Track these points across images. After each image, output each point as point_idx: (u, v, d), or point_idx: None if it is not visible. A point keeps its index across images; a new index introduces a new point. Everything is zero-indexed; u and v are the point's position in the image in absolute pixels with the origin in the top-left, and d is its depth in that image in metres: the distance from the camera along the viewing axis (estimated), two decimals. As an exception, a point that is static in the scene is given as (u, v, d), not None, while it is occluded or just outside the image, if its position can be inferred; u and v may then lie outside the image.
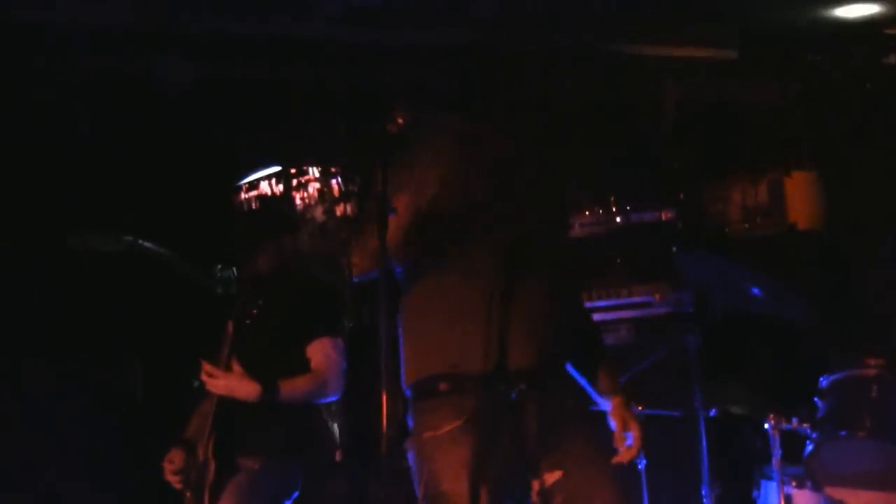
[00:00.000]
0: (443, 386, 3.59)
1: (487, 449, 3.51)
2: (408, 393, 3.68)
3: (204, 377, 4.68)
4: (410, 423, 3.67)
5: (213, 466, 4.65)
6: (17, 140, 5.93)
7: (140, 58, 6.20)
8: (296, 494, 4.83)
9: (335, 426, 5.89)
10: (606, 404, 3.81)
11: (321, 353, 4.80)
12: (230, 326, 4.82)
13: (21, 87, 5.92)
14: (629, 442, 3.75)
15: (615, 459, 3.72)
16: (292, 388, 4.72)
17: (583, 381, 3.85)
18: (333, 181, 4.51)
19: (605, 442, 3.71)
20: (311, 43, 6.36)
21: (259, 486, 4.73)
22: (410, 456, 3.62)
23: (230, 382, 4.64)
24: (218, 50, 6.28)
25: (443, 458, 3.52)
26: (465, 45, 6.05)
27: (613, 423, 3.78)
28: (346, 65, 6.47)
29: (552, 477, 3.57)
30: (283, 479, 4.82)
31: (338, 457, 5.86)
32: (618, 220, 6.12)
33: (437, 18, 6.36)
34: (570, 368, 3.82)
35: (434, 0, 6.23)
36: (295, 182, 4.27)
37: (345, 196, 4.20)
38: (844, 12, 6.81)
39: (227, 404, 4.69)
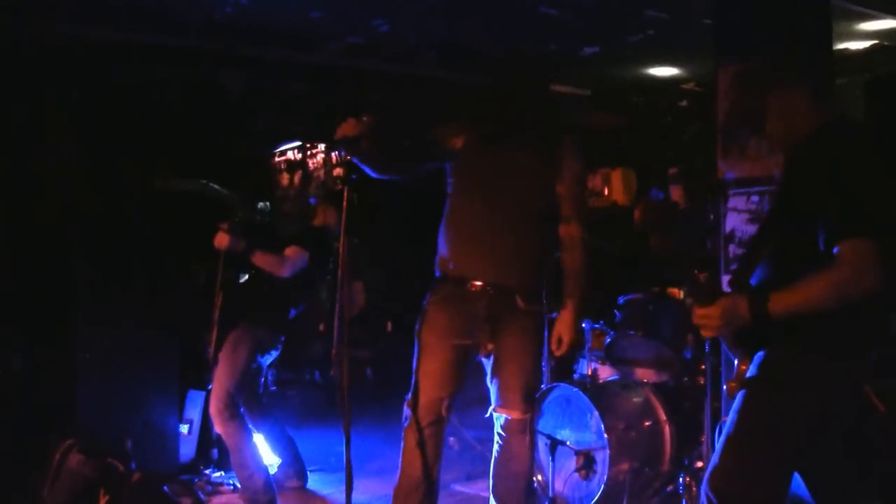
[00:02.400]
0: (438, 277, 3.93)
1: (451, 319, 3.84)
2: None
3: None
4: None
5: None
6: (130, 117, 5.94)
7: (209, 69, 6.21)
8: (275, 353, 5.17)
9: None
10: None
11: (291, 251, 5.02)
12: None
13: (136, 90, 5.93)
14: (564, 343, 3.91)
15: (556, 353, 3.94)
16: (262, 256, 4.98)
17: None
18: (333, 153, 4.75)
19: (531, 333, 3.86)
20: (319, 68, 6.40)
21: (241, 341, 5.07)
22: None
23: (231, 243, 4.91)
24: (266, 68, 6.35)
25: (426, 318, 3.89)
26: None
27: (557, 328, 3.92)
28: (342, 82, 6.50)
29: (489, 346, 3.86)
30: (260, 338, 5.10)
31: (321, 328, 6.43)
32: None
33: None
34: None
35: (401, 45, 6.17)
36: (309, 152, 4.74)
37: (339, 163, 4.57)
38: (656, 71, 7.12)
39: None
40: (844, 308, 2.63)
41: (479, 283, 3.84)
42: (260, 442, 5.22)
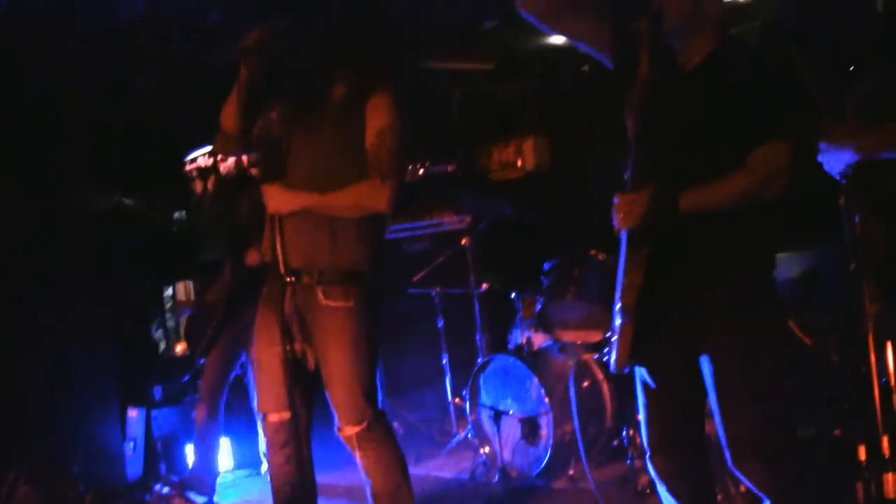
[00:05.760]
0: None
1: (266, 315, 3.46)
2: None
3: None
4: None
5: None
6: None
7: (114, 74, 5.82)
8: None
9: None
10: None
11: None
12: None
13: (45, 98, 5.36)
14: None
15: None
16: None
17: None
18: (244, 156, 4.76)
19: (340, 327, 3.35)
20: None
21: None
22: None
23: None
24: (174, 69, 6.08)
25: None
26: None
27: None
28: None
29: (302, 346, 3.44)
30: None
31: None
32: (421, 171, 6.31)
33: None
34: None
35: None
36: (219, 157, 4.59)
37: (250, 164, 4.42)
38: (556, 40, 6.80)
39: None
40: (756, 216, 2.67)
41: (284, 272, 3.39)
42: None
